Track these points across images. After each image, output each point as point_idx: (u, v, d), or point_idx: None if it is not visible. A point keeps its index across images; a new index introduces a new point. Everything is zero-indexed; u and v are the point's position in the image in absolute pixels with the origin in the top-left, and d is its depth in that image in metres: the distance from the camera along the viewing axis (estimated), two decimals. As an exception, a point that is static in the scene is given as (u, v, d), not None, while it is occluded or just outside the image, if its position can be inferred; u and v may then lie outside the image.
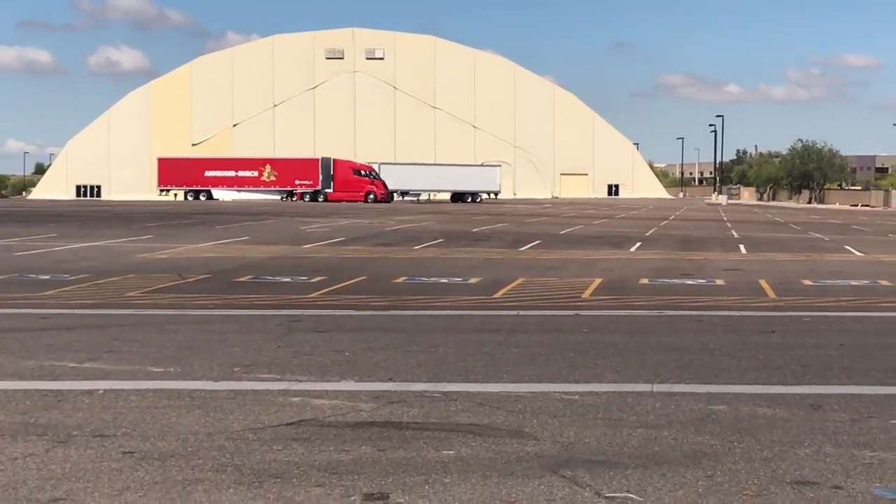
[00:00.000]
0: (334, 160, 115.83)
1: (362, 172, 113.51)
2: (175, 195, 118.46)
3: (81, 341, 15.38)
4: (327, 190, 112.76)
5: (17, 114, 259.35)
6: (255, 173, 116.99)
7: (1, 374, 12.68)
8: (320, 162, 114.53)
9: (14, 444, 9.35)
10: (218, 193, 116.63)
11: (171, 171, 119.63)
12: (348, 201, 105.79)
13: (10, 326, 17.04)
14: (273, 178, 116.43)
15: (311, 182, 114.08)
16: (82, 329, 16.75)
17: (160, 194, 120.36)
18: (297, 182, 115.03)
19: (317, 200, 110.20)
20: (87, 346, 14.95)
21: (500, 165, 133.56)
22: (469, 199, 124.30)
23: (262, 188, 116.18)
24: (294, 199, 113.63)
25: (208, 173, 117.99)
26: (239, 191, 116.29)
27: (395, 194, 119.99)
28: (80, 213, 71.18)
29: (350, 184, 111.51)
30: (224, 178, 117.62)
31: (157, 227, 50.40)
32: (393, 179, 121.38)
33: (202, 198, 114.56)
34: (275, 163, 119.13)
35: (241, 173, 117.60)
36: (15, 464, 8.74)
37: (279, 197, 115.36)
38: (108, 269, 27.01)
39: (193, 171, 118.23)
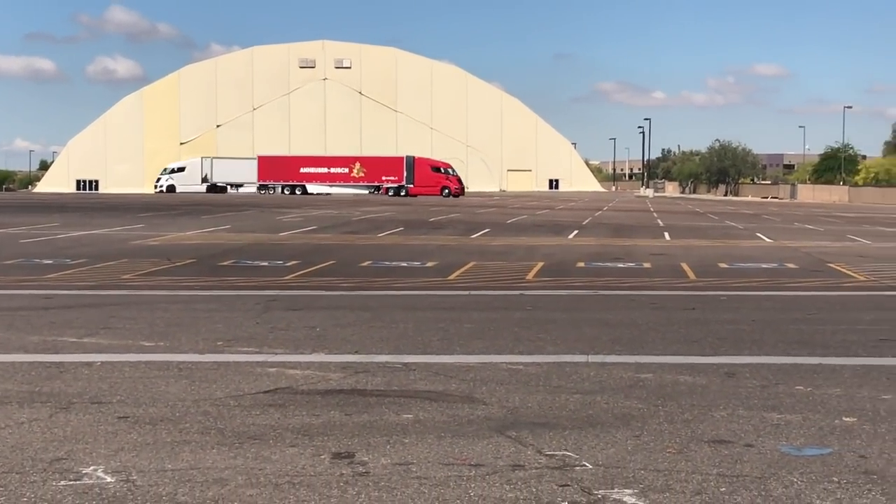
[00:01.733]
0: (415, 158, 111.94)
1: (440, 169, 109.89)
2: (272, 190, 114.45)
3: (81, 319, 15.34)
4: (409, 185, 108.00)
5: (23, 116, 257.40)
6: (346, 170, 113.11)
7: (8, 348, 12.64)
8: (404, 160, 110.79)
9: (21, 410, 9.34)
10: (312, 188, 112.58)
11: (269, 167, 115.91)
12: (426, 195, 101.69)
13: (17, 305, 16.96)
14: (362, 175, 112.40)
15: (396, 178, 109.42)
16: (81, 308, 16.69)
17: (259, 191, 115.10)
18: (383, 178, 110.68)
19: (399, 195, 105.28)
20: (85, 323, 14.92)
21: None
22: (314, 192, 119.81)
23: (351, 183, 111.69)
24: (380, 193, 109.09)
25: (303, 170, 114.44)
26: (331, 186, 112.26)
27: (228, 187, 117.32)
28: (79, 204, 70.69)
29: (428, 179, 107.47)
30: (317, 174, 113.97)
31: (149, 217, 50.14)
32: (225, 173, 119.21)
33: (297, 192, 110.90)
34: (364, 160, 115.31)
35: (332, 170, 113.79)
36: (21, 427, 8.73)
37: (367, 191, 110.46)
38: (104, 255, 26.88)
39: (290, 168, 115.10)
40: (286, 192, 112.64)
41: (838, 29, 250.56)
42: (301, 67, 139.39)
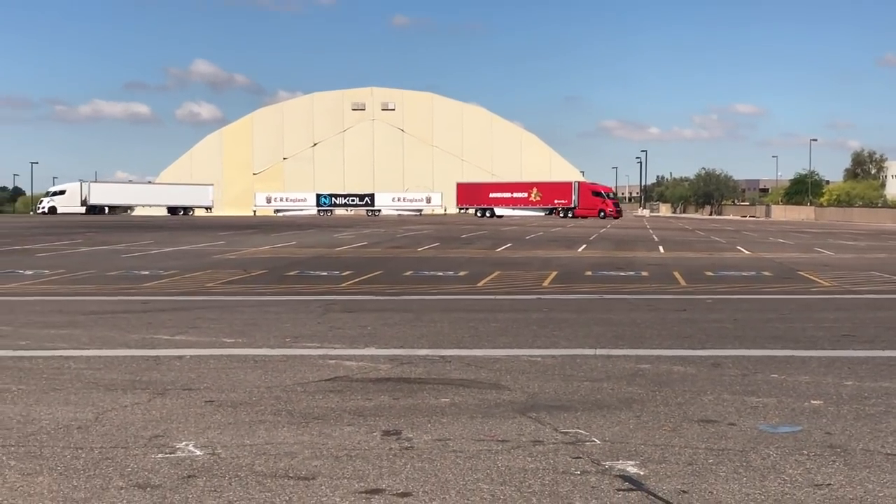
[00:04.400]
0: (579, 183, 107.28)
1: (600, 193, 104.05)
2: (466, 210, 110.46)
3: (172, 320, 15.44)
4: (575, 208, 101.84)
5: (123, 152, 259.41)
6: (525, 194, 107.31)
7: (113, 345, 12.74)
8: (572, 185, 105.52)
9: (124, 395, 9.42)
10: (499, 211, 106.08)
11: (466, 193, 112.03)
12: (586, 217, 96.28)
13: (120, 309, 17.10)
14: (538, 199, 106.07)
15: (566, 201, 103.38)
16: (173, 311, 16.80)
17: (459, 211, 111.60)
18: (555, 201, 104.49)
19: (567, 216, 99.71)
20: (176, 323, 15.02)
21: (212, 185, 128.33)
22: (182, 213, 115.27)
23: (529, 206, 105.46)
24: (553, 215, 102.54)
25: (492, 195, 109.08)
26: (513, 209, 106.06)
27: (106, 209, 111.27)
28: (169, 225, 71.13)
29: (589, 202, 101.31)
30: (502, 198, 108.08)
31: (228, 235, 50.38)
32: (103, 195, 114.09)
33: (487, 215, 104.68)
34: (540, 186, 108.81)
35: (515, 195, 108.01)
36: (125, 410, 8.80)
37: (543, 213, 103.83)
38: (191, 267, 27.04)
39: (481, 194, 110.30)
40: (478, 214, 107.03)
41: (805, 74, 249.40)
42: (353, 109, 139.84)
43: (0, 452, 7.33)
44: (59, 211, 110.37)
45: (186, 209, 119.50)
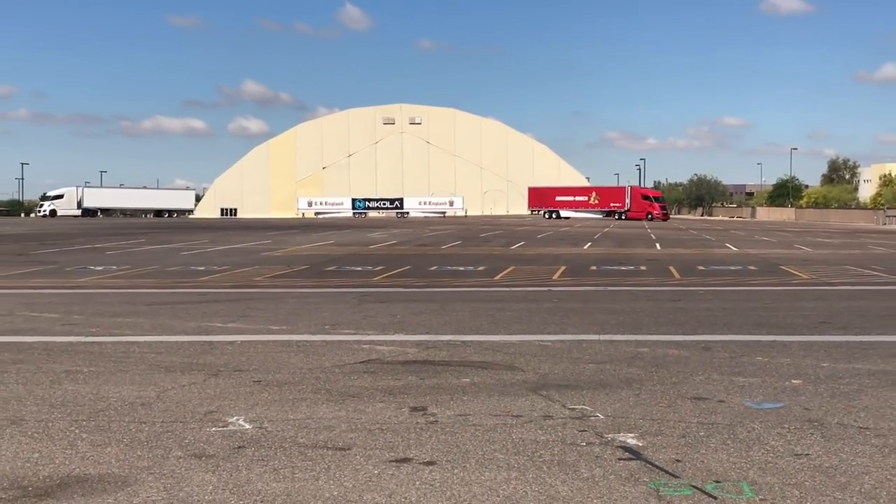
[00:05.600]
0: (631, 188, 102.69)
1: (649, 197, 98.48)
2: (536, 212, 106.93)
3: (225, 310, 15.51)
4: (628, 210, 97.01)
5: (181, 162, 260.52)
6: (586, 198, 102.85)
7: (173, 332, 12.81)
8: (626, 189, 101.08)
9: (182, 376, 9.46)
10: (564, 213, 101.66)
11: (536, 196, 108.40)
12: (637, 219, 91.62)
13: (179, 300, 17.19)
14: (596, 202, 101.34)
15: (620, 205, 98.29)
16: (225, 302, 16.87)
17: (531, 213, 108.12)
18: (611, 204, 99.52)
19: (621, 218, 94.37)
20: (228, 312, 15.08)
21: (193, 190, 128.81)
22: (167, 216, 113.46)
23: (589, 209, 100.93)
24: (610, 216, 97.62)
25: (557, 198, 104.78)
26: (576, 211, 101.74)
27: (98, 212, 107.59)
28: (223, 226, 71.50)
29: (639, 205, 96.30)
30: (566, 202, 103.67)
31: (274, 234, 50.56)
32: (95, 199, 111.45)
33: (554, 217, 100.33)
34: (598, 190, 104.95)
35: (576, 198, 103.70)
36: (183, 388, 8.85)
37: (601, 216, 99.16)
38: (241, 263, 27.16)
39: (548, 197, 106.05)
40: (545, 216, 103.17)
41: (786, 90, 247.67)
42: (384, 124, 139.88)
43: (73, 426, 7.39)
44: (58, 214, 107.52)
45: (171, 212, 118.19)
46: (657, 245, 39.57)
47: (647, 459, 6.41)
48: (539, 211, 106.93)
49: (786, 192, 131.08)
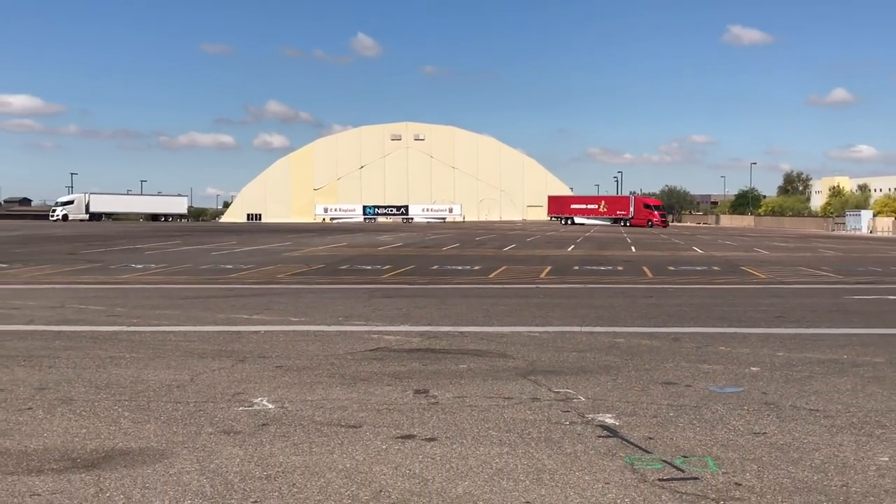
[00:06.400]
0: (634, 197, 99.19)
1: (650, 206, 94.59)
2: (555, 218, 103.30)
3: (250, 303, 15.50)
4: (631, 218, 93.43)
5: (212, 172, 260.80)
6: (596, 206, 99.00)
7: (205, 322, 12.81)
8: (629, 199, 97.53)
9: (213, 362, 9.47)
10: (577, 219, 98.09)
11: (555, 205, 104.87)
12: (639, 225, 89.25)
13: (210, 295, 17.18)
14: (605, 210, 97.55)
15: (625, 212, 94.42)
16: (251, 296, 16.87)
17: (550, 219, 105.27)
18: (618, 212, 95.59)
19: (625, 225, 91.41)
20: (254, 306, 15.07)
21: (185, 196, 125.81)
22: (163, 220, 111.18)
23: (598, 216, 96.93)
24: (617, 223, 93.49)
25: (572, 206, 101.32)
26: (588, 218, 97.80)
27: (103, 216, 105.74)
28: (249, 229, 71.46)
29: (640, 213, 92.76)
30: (579, 209, 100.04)
31: (294, 237, 50.54)
32: (100, 205, 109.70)
33: (569, 223, 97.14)
34: (606, 199, 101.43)
35: (588, 206, 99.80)
36: (213, 373, 8.85)
37: (609, 222, 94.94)
38: (265, 262, 27.16)
39: (565, 205, 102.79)
40: (561, 221, 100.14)
41: (747, 111, 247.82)
42: (392, 140, 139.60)
43: (117, 405, 7.40)
44: (70, 218, 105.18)
45: (166, 216, 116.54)
46: (632, 248, 39.56)
47: (622, 437, 6.41)
48: (558, 217, 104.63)
49: (746, 202, 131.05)
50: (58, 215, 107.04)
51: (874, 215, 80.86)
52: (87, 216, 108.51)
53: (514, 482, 5.38)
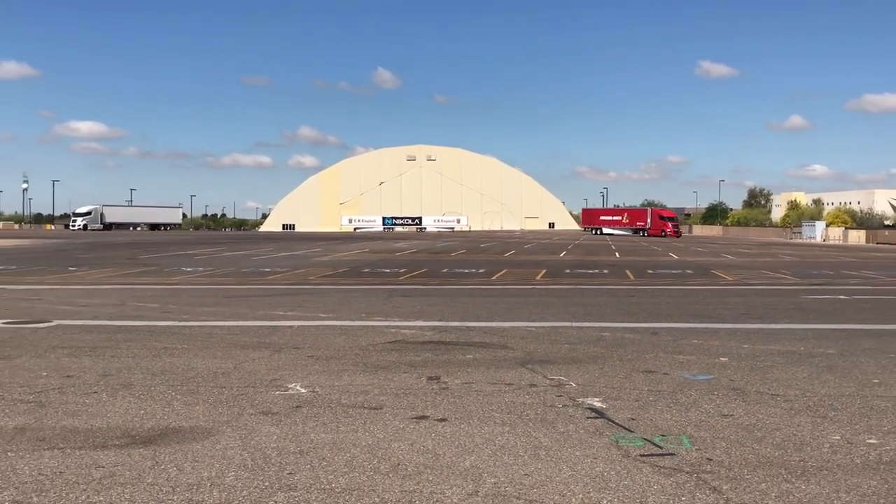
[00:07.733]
0: (651, 210, 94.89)
1: (664, 217, 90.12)
2: (587, 229, 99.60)
3: (286, 301, 15.51)
4: (648, 228, 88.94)
5: (252, 188, 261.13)
6: (620, 218, 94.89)
7: (246, 318, 12.83)
8: (648, 211, 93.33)
9: (253, 352, 9.48)
10: (605, 230, 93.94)
11: (587, 217, 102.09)
12: (655, 235, 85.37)
13: (251, 294, 17.21)
14: (627, 221, 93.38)
15: (644, 224, 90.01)
16: (286, 295, 16.89)
17: (584, 230, 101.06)
18: (637, 223, 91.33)
19: (644, 235, 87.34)
20: (288, 304, 15.09)
21: (180, 206, 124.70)
22: (162, 228, 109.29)
23: (622, 227, 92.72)
24: (637, 234, 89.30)
25: (601, 217, 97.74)
26: (613, 228, 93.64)
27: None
28: (284, 237, 71.59)
29: (657, 224, 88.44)
30: (606, 220, 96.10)
31: (323, 244, 50.59)
32: (113, 215, 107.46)
33: (598, 233, 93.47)
34: (628, 211, 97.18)
35: (613, 218, 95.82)
36: (254, 361, 8.86)
37: (630, 232, 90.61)
38: (298, 266, 27.19)
39: (595, 217, 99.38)
40: (593, 232, 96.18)
41: (715, 134, 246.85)
42: (407, 160, 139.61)
43: (170, 390, 7.42)
44: (89, 228, 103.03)
45: (164, 225, 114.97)
46: (617, 254, 39.46)
47: (608, 418, 6.39)
48: (590, 228, 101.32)
49: (716, 214, 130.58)
50: (79, 225, 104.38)
51: (826, 226, 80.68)
52: (101, 226, 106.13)
53: (514, 457, 5.38)
